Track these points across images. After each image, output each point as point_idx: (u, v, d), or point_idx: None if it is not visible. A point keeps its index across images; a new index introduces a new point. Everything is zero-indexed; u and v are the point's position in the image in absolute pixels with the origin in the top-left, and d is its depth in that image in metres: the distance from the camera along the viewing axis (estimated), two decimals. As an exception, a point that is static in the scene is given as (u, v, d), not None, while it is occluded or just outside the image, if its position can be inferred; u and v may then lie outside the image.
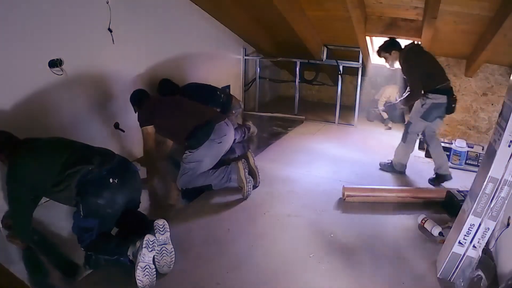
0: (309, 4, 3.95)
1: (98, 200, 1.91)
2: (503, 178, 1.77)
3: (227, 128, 2.97)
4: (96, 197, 1.91)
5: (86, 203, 1.91)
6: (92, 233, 1.95)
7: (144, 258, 1.85)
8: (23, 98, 2.51)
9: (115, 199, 1.96)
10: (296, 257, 2.21)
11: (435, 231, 2.42)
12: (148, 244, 1.87)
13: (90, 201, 1.91)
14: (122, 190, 2.00)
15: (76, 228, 1.96)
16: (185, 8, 4.00)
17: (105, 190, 1.93)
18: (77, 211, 1.94)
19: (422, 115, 3.11)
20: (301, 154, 3.91)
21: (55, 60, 2.62)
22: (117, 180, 1.96)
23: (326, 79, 5.83)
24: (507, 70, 4.01)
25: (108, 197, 1.93)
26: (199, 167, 2.85)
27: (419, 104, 3.12)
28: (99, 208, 1.92)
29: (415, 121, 3.19)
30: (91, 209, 1.91)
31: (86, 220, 1.92)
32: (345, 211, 2.78)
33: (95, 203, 1.91)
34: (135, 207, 2.23)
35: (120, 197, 1.99)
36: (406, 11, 3.73)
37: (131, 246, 1.92)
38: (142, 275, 1.85)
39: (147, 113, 2.97)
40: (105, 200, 1.92)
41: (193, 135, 2.82)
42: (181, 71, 4.08)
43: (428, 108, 3.06)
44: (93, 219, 1.93)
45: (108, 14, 2.96)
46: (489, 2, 3.03)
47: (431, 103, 3.04)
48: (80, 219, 1.93)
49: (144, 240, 1.87)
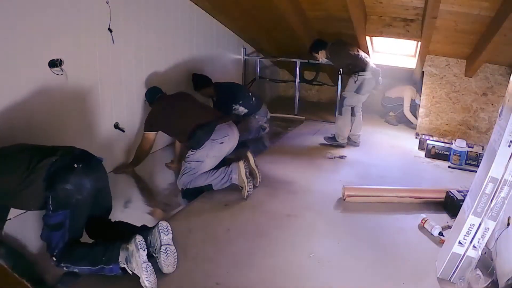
0: (309, 4, 3.95)
1: (65, 186, 1.87)
2: (503, 178, 1.77)
3: (229, 129, 2.98)
4: (63, 183, 1.87)
5: (55, 194, 1.87)
6: (63, 230, 1.87)
7: (144, 258, 1.84)
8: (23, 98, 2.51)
9: (82, 184, 1.92)
10: (296, 257, 2.21)
11: (435, 231, 2.42)
12: (141, 244, 1.85)
13: (58, 190, 1.87)
14: (88, 174, 1.96)
15: (46, 230, 1.89)
16: (185, 8, 4.00)
17: (71, 175, 1.90)
18: (46, 208, 1.89)
19: (356, 89, 3.91)
20: (301, 154, 3.91)
21: (55, 60, 2.62)
22: (81, 164, 1.95)
23: (326, 79, 5.82)
24: (507, 70, 4.01)
25: (75, 181, 1.90)
26: (200, 167, 2.86)
27: (352, 81, 3.90)
28: (68, 194, 1.88)
29: (350, 96, 3.97)
30: (60, 199, 1.87)
31: (56, 213, 1.87)
32: (345, 211, 2.78)
33: (63, 189, 1.87)
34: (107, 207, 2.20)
35: (87, 181, 1.94)
36: (406, 11, 3.73)
37: (122, 251, 1.87)
38: (148, 275, 1.83)
39: (154, 117, 3.08)
40: (72, 184, 1.88)
41: (194, 135, 2.84)
42: (181, 71, 4.08)
43: (360, 83, 3.87)
44: (63, 211, 1.87)
45: (108, 14, 2.96)
46: (489, 2, 3.03)
47: (363, 79, 3.86)
48: (49, 216, 1.87)
49: (137, 241, 1.84)
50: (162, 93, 3.31)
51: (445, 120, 4.46)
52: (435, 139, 4.08)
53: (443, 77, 4.33)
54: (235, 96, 4.06)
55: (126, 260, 1.86)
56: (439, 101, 4.43)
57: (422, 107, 4.57)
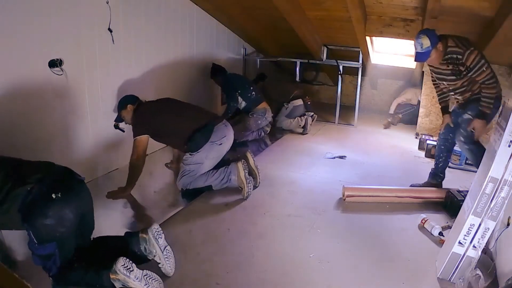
0: (309, 4, 3.95)
1: (46, 221, 1.69)
2: (503, 178, 1.77)
3: (226, 129, 2.97)
4: (42, 218, 1.69)
5: (36, 229, 1.69)
6: (55, 258, 1.75)
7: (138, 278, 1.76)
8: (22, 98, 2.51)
9: (63, 216, 1.74)
10: (296, 257, 2.21)
11: (435, 231, 2.42)
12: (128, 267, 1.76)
13: (38, 225, 1.69)
14: (69, 203, 1.77)
15: (37, 258, 1.75)
16: (185, 8, 4.00)
17: (50, 208, 1.70)
18: (30, 239, 1.72)
19: (287, 115, 4.72)
20: (301, 154, 3.91)
21: (55, 60, 2.62)
22: (60, 193, 1.73)
23: (326, 79, 5.83)
24: (507, 70, 4.01)
25: (55, 215, 1.71)
26: (199, 169, 2.85)
27: (284, 107, 4.74)
28: (50, 230, 1.71)
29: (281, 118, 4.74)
30: (42, 234, 1.70)
31: (43, 247, 1.71)
32: (345, 211, 2.78)
33: (44, 225, 1.69)
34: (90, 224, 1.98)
35: (68, 211, 1.76)
36: (406, 11, 3.73)
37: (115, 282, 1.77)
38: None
39: (143, 121, 2.84)
40: (52, 219, 1.70)
41: (192, 139, 2.81)
42: (181, 71, 4.08)
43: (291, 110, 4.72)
44: (50, 243, 1.72)
45: (108, 14, 2.96)
46: (489, 2, 3.03)
47: (293, 106, 4.72)
48: (36, 248, 1.72)
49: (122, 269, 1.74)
50: (139, 100, 2.98)
51: (445, 120, 4.45)
52: (435, 139, 4.08)
53: (443, 77, 4.33)
54: (234, 85, 4.25)
55: (123, 285, 1.78)
56: (439, 101, 4.43)
57: (422, 107, 4.58)
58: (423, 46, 2.57)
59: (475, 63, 2.51)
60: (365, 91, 5.79)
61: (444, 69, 2.70)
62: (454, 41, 2.58)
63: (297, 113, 4.73)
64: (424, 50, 2.59)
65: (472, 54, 2.51)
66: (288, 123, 4.69)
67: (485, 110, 2.58)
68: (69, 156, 2.88)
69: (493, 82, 2.55)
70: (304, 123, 4.64)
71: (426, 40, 2.55)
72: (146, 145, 2.83)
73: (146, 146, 2.83)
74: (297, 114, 4.73)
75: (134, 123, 2.87)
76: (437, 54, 2.61)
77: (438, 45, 2.58)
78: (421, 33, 2.61)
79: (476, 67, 2.52)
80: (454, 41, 2.59)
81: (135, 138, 2.80)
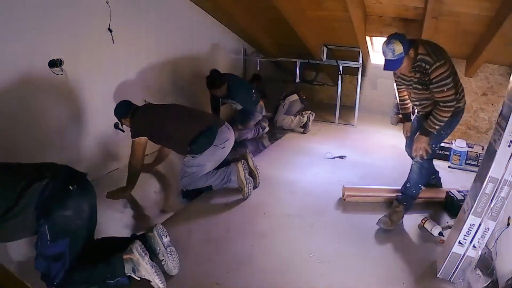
0: (309, 4, 3.95)
1: (65, 213, 1.68)
2: (503, 178, 1.77)
3: (229, 131, 2.97)
4: (62, 210, 1.67)
5: (53, 222, 1.65)
6: (64, 260, 1.69)
7: (151, 262, 1.83)
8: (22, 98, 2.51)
9: (80, 207, 1.75)
10: (296, 257, 2.21)
11: (435, 231, 2.42)
12: (144, 251, 1.82)
13: (57, 218, 1.66)
14: (85, 194, 1.80)
15: (43, 260, 1.68)
16: (185, 8, 4.00)
17: (69, 199, 1.71)
18: (41, 237, 1.66)
19: (285, 112, 4.68)
20: (301, 154, 3.91)
21: (55, 60, 2.62)
22: (76, 185, 1.74)
23: (326, 79, 5.82)
24: (507, 70, 4.01)
25: (74, 206, 1.72)
26: (200, 171, 2.84)
27: (281, 105, 4.70)
28: (68, 222, 1.69)
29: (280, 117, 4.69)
30: (59, 228, 1.67)
31: (55, 243, 1.66)
32: (345, 211, 2.78)
33: (63, 217, 1.67)
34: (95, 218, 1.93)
35: (85, 202, 1.79)
36: (406, 11, 3.72)
37: (127, 263, 1.82)
38: (160, 277, 1.85)
39: (142, 123, 2.82)
40: (72, 210, 1.71)
41: (195, 142, 2.79)
42: (181, 71, 4.08)
43: (288, 106, 4.67)
44: (62, 240, 1.68)
45: (108, 14, 2.96)
46: (489, 2, 3.03)
47: (289, 102, 4.67)
48: (46, 247, 1.66)
49: (139, 249, 1.81)
50: (134, 105, 2.93)
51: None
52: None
53: (443, 77, 4.33)
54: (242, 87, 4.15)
55: (133, 270, 1.83)
56: (439, 101, 4.43)
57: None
58: (395, 53, 2.24)
59: (439, 79, 2.25)
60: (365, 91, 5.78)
61: (411, 76, 2.43)
62: (425, 49, 2.29)
63: (295, 108, 4.71)
64: (396, 57, 2.26)
65: (440, 68, 2.23)
66: (289, 121, 4.65)
67: (430, 129, 2.40)
68: (69, 155, 2.87)
69: (451, 106, 2.31)
70: (306, 120, 4.65)
71: (399, 46, 2.22)
72: (144, 147, 2.81)
73: (144, 147, 2.81)
74: (295, 109, 4.71)
75: (132, 125, 2.86)
76: (408, 62, 2.31)
77: (410, 51, 2.28)
78: (392, 38, 2.26)
79: (438, 83, 2.26)
80: (426, 48, 2.30)
81: (133, 140, 2.78)
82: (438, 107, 2.35)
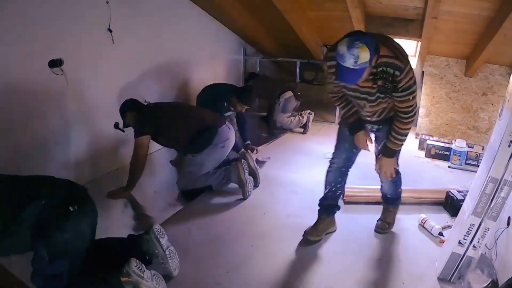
0: (309, 4, 3.95)
1: (64, 236, 1.58)
2: (503, 178, 1.77)
3: (229, 131, 2.96)
4: (61, 233, 1.58)
5: (51, 244, 1.57)
6: (61, 278, 1.62)
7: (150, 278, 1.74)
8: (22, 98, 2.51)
9: (81, 229, 1.66)
10: (296, 257, 2.21)
11: (435, 231, 2.42)
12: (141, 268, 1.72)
13: (55, 240, 1.57)
14: (86, 215, 1.70)
15: (40, 278, 1.60)
16: (185, 8, 4.00)
17: (68, 222, 1.61)
18: (38, 257, 1.57)
19: (282, 110, 4.66)
20: (301, 154, 3.91)
21: (55, 60, 2.62)
22: (76, 206, 1.64)
23: (326, 79, 5.82)
24: (507, 70, 4.01)
25: (74, 228, 1.62)
26: (200, 170, 2.85)
27: (276, 103, 4.65)
28: (67, 244, 1.61)
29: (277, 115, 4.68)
30: (57, 250, 1.58)
31: (53, 264, 1.58)
32: (345, 211, 2.77)
33: (61, 240, 1.58)
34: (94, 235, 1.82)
35: (85, 223, 1.69)
36: (406, 11, 3.73)
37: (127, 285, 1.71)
38: None
39: (145, 121, 2.81)
40: (71, 233, 1.61)
41: (195, 140, 2.79)
42: (181, 71, 4.08)
43: (283, 103, 4.64)
44: (61, 261, 1.60)
45: (108, 14, 2.96)
46: (489, 2, 3.03)
47: (284, 99, 4.65)
48: (44, 267, 1.57)
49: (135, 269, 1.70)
50: (139, 102, 2.96)
51: (445, 120, 4.46)
52: (435, 139, 4.09)
53: (443, 77, 4.33)
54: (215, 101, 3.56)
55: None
56: (439, 101, 4.43)
57: (422, 107, 4.57)
58: (359, 61, 1.64)
59: (407, 86, 1.81)
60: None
61: (367, 86, 1.89)
62: (392, 50, 1.77)
63: (290, 105, 4.68)
64: (357, 67, 1.66)
65: (409, 73, 1.79)
66: (288, 121, 4.65)
67: (395, 149, 2.10)
68: (69, 155, 2.88)
69: (412, 116, 1.94)
70: (305, 120, 4.63)
71: (365, 53, 1.63)
72: (147, 146, 2.79)
73: (147, 146, 2.79)
74: (291, 106, 4.69)
75: (137, 122, 2.84)
76: (368, 71, 1.75)
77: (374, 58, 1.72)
78: (357, 40, 1.65)
79: (406, 91, 1.82)
80: (390, 49, 1.77)
81: (136, 139, 2.76)
82: (399, 120, 1.97)
